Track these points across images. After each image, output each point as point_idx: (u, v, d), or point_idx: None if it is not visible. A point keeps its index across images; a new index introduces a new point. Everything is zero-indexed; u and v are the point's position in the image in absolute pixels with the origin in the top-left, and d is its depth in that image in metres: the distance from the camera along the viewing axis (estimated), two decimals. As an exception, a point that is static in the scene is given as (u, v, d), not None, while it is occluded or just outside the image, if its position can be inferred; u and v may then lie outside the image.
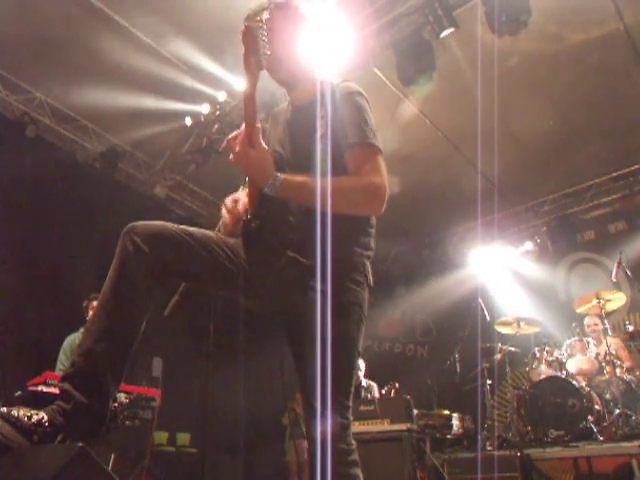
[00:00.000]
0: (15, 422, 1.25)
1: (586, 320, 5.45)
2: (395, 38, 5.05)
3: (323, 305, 1.56)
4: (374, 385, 5.92)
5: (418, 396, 5.34)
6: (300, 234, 1.62)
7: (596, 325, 5.30)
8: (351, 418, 1.56)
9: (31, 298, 5.26)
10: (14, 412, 1.27)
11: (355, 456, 1.51)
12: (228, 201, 1.72)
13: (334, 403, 1.51)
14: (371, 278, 1.69)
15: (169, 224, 1.57)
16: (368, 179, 1.53)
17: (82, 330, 4.62)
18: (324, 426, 1.49)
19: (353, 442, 1.53)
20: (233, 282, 1.60)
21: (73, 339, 4.60)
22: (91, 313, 4.30)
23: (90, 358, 1.40)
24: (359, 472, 1.51)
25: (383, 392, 5.77)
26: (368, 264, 1.70)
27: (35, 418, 1.28)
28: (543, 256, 7.62)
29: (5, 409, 1.27)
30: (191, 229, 1.59)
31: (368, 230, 1.72)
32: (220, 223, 1.73)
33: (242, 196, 1.72)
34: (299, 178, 1.52)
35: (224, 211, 1.71)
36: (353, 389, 1.60)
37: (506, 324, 5.47)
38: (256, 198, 1.61)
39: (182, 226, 1.58)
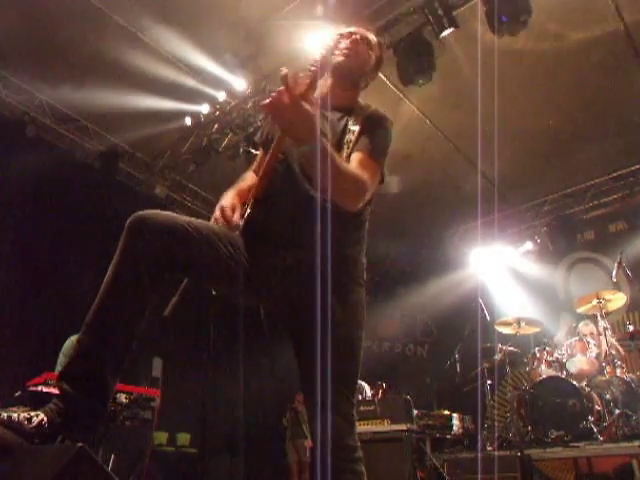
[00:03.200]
0: (16, 427, 1.24)
1: (580, 326, 5.45)
2: (395, 38, 5.05)
3: (330, 305, 1.56)
4: (364, 385, 5.89)
5: (418, 396, 5.33)
6: (305, 234, 1.62)
7: (591, 334, 5.30)
8: (356, 416, 1.59)
9: (31, 298, 5.26)
10: (14, 416, 1.26)
11: (360, 453, 1.54)
12: (227, 207, 1.69)
13: (342, 401, 1.53)
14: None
15: (176, 215, 1.54)
16: (366, 177, 1.57)
17: None
18: (332, 422, 1.50)
19: (357, 440, 1.55)
20: (234, 280, 1.58)
21: (74, 340, 4.58)
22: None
23: (88, 354, 1.38)
24: (364, 469, 1.53)
25: (372, 392, 5.76)
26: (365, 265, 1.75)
27: (35, 421, 1.28)
28: (543, 256, 7.62)
29: (5, 415, 1.25)
30: (197, 222, 1.55)
31: (364, 232, 1.77)
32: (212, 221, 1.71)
33: (238, 205, 1.72)
34: (332, 149, 1.51)
35: (217, 213, 1.69)
36: (358, 387, 1.62)
37: (506, 324, 5.47)
38: (262, 191, 1.61)
39: (188, 218, 1.55)
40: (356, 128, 1.70)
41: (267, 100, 1.42)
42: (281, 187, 1.64)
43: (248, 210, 1.62)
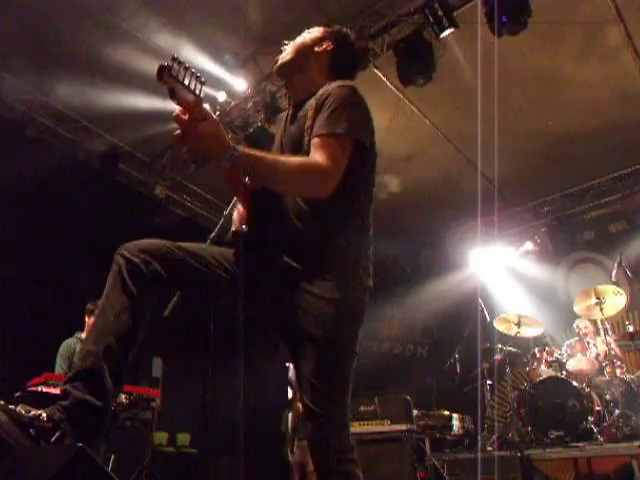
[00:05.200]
0: (12, 415, 1.26)
1: (576, 323, 5.46)
2: (395, 38, 5.05)
3: (321, 308, 1.57)
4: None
5: (418, 396, 5.32)
6: (300, 239, 1.63)
7: (586, 328, 5.31)
8: (349, 416, 1.58)
9: (31, 298, 5.26)
10: (12, 406, 1.29)
11: (354, 455, 1.54)
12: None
13: (332, 404, 1.53)
14: (371, 281, 1.71)
15: (158, 240, 1.61)
16: (314, 160, 1.55)
17: (78, 335, 4.64)
18: (321, 424, 1.51)
19: (351, 442, 1.55)
20: (228, 290, 1.62)
21: (69, 343, 4.60)
22: (92, 317, 4.30)
23: (89, 358, 1.43)
24: (358, 471, 1.53)
25: None
26: (370, 268, 1.72)
27: (33, 413, 1.30)
28: (543, 256, 7.61)
29: (3, 402, 1.29)
30: (181, 243, 1.63)
31: (363, 232, 1.73)
32: (228, 221, 1.75)
33: None
34: (259, 153, 1.52)
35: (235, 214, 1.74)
36: (350, 390, 1.62)
37: (506, 321, 5.46)
38: (249, 205, 1.63)
39: (172, 242, 1.62)
40: (311, 110, 1.66)
41: (176, 133, 1.45)
42: (269, 197, 1.65)
43: (240, 225, 1.65)
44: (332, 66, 1.87)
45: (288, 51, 1.85)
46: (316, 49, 1.86)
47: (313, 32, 1.91)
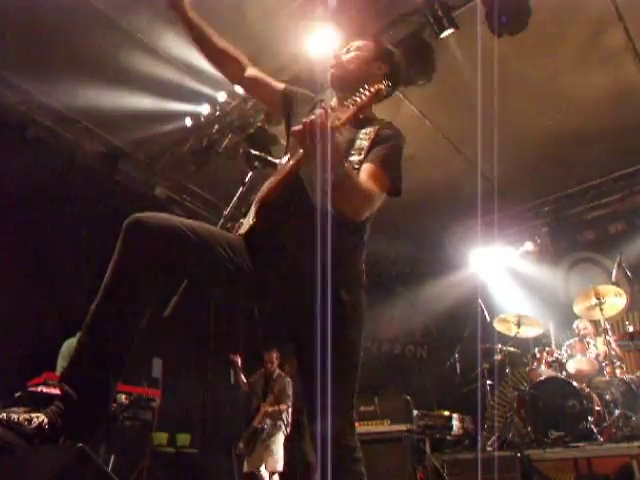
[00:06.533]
0: (16, 428, 1.24)
1: (575, 323, 5.46)
2: (395, 39, 5.05)
3: (331, 308, 1.57)
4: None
5: (418, 397, 5.33)
6: (308, 240, 1.62)
7: (586, 329, 5.32)
8: (355, 417, 1.60)
9: (31, 298, 5.26)
10: (14, 417, 1.25)
11: (360, 453, 1.56)
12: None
13: (342, 402, 1.55)
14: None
15: (172, 216, 1.55)
16: (375, 190, 1.60)
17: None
18: (333, 422, 1.52)
19: (357, 440, 1.57)
20: (232, 283, 1.60)
21: (71, 343, 4.59)
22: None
23: (88, 355, 1.39)
24: (364, 469, 1.54)
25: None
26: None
27: (36, 422, 1.28)
28: (543, 256, 7.61)
29: (5, 415, 1.25)
30: (195, 224, 1.57)
31: (365, 237, 1.80)
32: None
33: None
34: (351, 168, 1.56)
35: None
36: (357, 388, 1.63)
37: (506, 321, 5.46)
38: (272, 199, 1.62)
39: (187, 220, 1.56)
40: (369, 135, 1.71)
41: (298, 127, 1.42)
42: (287, 195, 1.65)
43: (252, 216, 1.63)
44: None
45: (352, 62, 1.85)
46: (373, 70, 1.87)
47: (364, 49, 1.90)
